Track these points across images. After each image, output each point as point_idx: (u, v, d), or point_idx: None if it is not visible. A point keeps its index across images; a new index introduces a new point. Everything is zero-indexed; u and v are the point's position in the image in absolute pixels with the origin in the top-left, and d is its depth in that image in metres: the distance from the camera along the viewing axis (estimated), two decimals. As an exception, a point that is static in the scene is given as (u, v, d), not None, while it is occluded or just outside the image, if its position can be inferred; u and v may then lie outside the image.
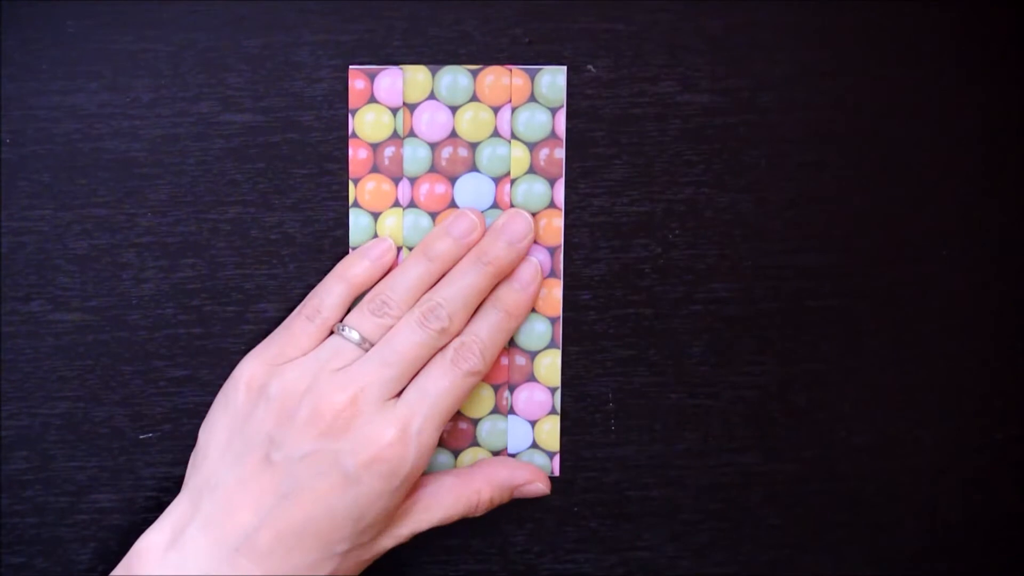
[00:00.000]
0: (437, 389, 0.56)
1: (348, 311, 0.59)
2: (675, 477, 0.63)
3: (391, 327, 0.57)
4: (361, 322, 0.58)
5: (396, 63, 0.59)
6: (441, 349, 0.57)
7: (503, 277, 0.59)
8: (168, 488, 0.61)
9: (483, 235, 0.59)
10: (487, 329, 0.58)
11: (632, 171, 0.60)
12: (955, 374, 0.63)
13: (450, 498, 0.59)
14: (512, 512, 0.62)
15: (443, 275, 0.59)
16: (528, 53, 0.59)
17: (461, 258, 0.59)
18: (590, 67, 0.59)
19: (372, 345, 0.57)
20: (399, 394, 0.57)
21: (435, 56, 0.59)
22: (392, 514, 0.57)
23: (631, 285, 0.61)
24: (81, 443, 0.61)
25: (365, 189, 0.60)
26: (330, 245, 0.60)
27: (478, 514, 0.59)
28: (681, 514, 0.63)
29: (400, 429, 0.55)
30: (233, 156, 0.60)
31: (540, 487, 0.60)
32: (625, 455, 0.62)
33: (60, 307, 0.60)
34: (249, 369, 0.58)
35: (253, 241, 0.60)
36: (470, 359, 0.57)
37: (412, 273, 0.58)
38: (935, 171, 0.61)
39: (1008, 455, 0.63)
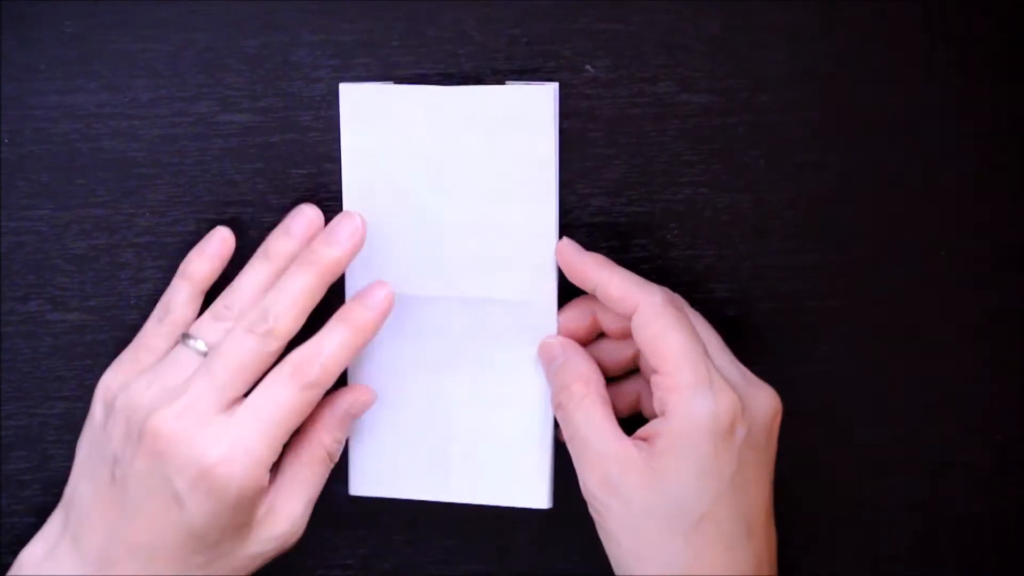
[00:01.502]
0: (269, 404, 0.55)
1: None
2: (674, 477, 0.63)
3: None
4: (205, 330, 0.57)
5: (396, 63, 0.59)
6: (279, 361, 0.56)
7: (333, 277, 0.57)
8: (166, 488, 0.61)
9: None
10: (330, 343, 0.56)
11: (630, 171, 0.60)
12: (955, 374, 0.62)
13: (299, 481, 0.57)
14: (512, 512, 0.62)
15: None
16: (527, 53, 0.59)
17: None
18: (588, 67, 0.59)
19: None
20: (239, 402, 0.55)
21: (434, 56, 0.59)
22: (240, 528, 0.56)
23: (630, 285, 0.61)
24: (80, 443, 0.61)
25: None
26: (328, 245, 0.60)
27: (335, 461, 0.58)
28: (680, 514, 0.63)
29: (228, 446, 0.54)
30: (232, 156, 0.60)
31: (363, 397, 0.59)
32: (624, 455, 0.62)
33: (59, 307, 0.60)
34: (104, 381, 0.58)
35: (251, 241, 0.60)
36: (308, 372, 0.55)
37: (253, 276, 0.57)
38: (935, 171, 0.61)
39: (1008, 455, 0.63)
